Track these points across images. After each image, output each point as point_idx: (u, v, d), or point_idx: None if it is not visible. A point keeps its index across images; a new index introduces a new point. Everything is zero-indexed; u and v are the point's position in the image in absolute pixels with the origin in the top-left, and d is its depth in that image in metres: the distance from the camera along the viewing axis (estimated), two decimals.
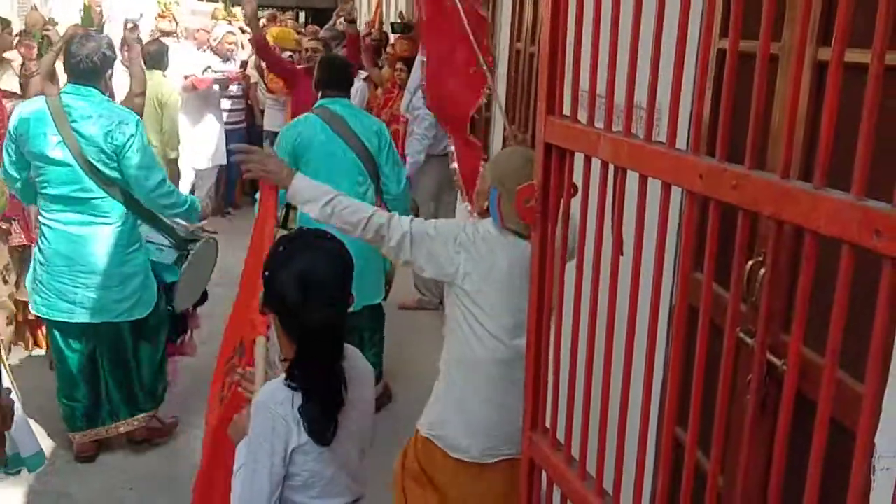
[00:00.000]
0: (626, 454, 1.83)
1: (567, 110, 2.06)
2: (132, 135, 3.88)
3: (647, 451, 1.80)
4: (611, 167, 1.82)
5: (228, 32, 9.19)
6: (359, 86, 7.70)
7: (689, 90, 2.38)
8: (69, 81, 3.97)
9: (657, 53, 1.66)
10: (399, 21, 9.33)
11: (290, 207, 4.62)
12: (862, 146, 1.15)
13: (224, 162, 8.50)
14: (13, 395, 3.26)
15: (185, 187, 7.78)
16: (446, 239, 2.65)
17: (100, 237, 3.93)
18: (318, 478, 2.13)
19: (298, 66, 7.49)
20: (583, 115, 1.96)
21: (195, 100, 8.34)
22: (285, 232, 4.54)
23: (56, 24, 7.08)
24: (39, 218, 4.02)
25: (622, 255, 1.82)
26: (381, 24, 11.55)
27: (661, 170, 1.64)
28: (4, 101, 4.85)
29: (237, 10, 11.85)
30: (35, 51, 5.37)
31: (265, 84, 8.93)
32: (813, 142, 1.93)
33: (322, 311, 2.04)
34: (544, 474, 2.16)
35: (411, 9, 11.11)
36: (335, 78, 4.68)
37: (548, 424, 2.14)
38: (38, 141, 3.84)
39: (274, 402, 2.07)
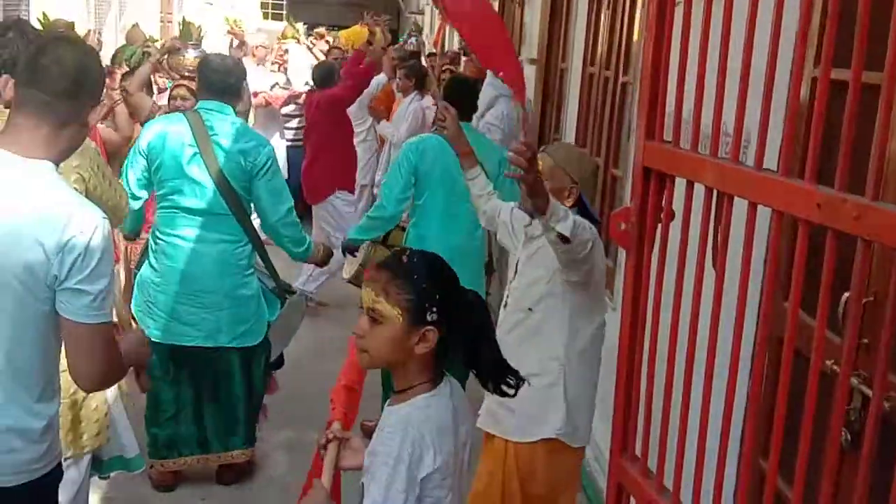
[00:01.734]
0: (724, 488, 1.80)
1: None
2: (269, 158, 3.85)
3: (745, 482, 1.77)
4: (715, 193, 1.81)
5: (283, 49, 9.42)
6: (413, 108, 7.72)
7: (782, 116, 2.36)
8: (206, 98, 3.92)
9: (770, 80, 1.65)
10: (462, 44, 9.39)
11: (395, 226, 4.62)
12: None
13: (286, 177, 8.62)
14: (120, 402, 3.33)
15: None
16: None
17: (221, 256, 3.84)
18: None
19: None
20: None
21: (263, 116, 8.48)
22: (384, 248, 4.54)
23: (155, 41, 7.24)
24: (159, 236, 3.90)
25: (723, 277, 1.80)
26: (444, 43, 11.63)
27: (772, 197, 1.62)
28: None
29: (300, 26, 12.10)
30: (118, 79, 5.45)
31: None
32: None
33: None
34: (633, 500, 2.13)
35: None
36: (463, 101, 4.50)
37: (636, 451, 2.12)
38: (175, 153, 3.77)
39: (422, 424, 1.91)
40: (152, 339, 3.87)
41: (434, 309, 1.90)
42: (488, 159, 4.31)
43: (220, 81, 3.87)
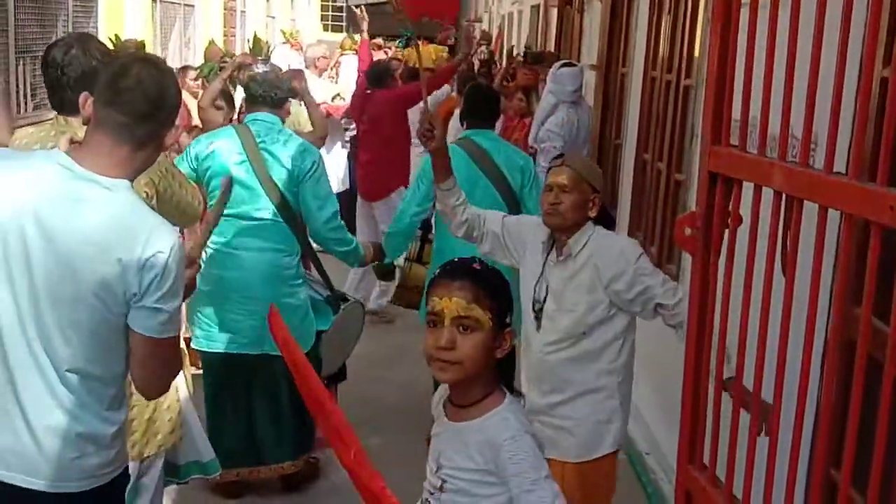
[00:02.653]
0: (795, 497, 1.77)
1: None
2: (315, 163, 3.92)
3: (817, 492, 1.74)
4: (784, 197, 1.79)
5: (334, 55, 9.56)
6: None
7: (849, 117, 2.31)
8: (252, 111, 4.04)
9: (840, 82, 1.62)
10: (528, 50, 9.40)
11: (424, 241, 4.62)
12: None
13: (348, 186, 8.70)
14: (189, 403, 3.36)
15: None
16: None
17: (269, 264, 3.86)
18: None
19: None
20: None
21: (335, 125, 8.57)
22: (420, 266, 4.53)
23: (232, 55, 7.41)
24: (208, 244, 3.85)
25: (793, 283, 1.78)
26: (502, 52, 11.66)
27: (842, 201, 1.59)
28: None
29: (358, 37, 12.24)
30: (187, 80, 5.59)
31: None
32: None
33: None
34: None
35: (535, 36, 11.18)
36: (482, 109, 4.53)
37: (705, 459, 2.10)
38: (225, 163, 3.83)
39: (522, 424, 1.92)
40: (200, 349, 4.00)
41: (511, 311, 1.94)
42: (511, 166, 4.34)
43: (266, 94, 3.97)
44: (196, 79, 7.51)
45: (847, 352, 1.85)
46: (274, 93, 3.99)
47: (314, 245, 4.18)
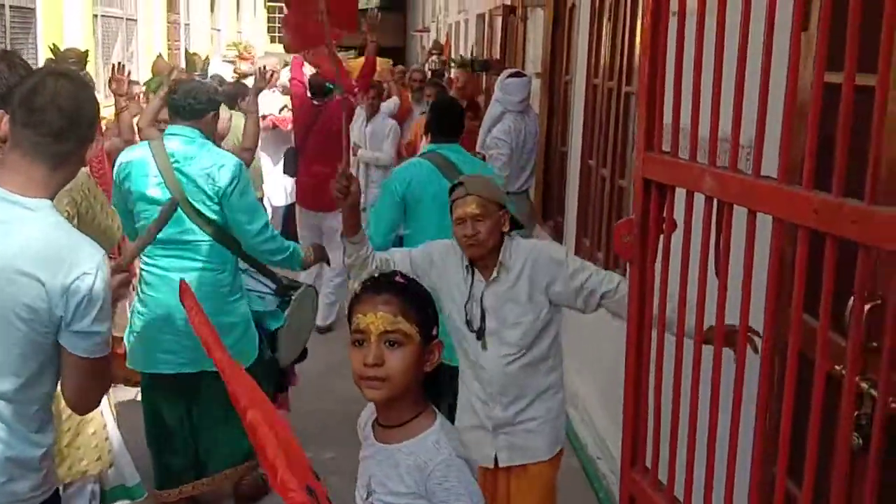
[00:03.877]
0: (735, 498, 1.79)
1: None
2: (234, 177, 3.82)
3: (756, 490, 1.76)
4: (715, 202, 1.81)
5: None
6: (388, 124, 7.78)
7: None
8: (171, 123, 3.95)
9: (765, 87, 1.65)
10: (474, 59, 9.43)
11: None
12: None
13: (296, 199, 8.65)
14: (115, 429, 3.33)
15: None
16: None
17: (202, 284, 3.81)
18: None
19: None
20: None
21: (273, 138, 8.51)
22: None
23: (182, 70, 7.28)
24: (141, 266, 3.90)
25: (725, 287, 1.80)
26: (451, 61, 11.69)
27: (772, 205, 1.62)
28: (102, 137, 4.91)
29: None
30: (125, 85, 5.48)
31: None
32: None
33: None
34: None
35: (482, 45, 11.24)
36: (448, 122, 4.48)
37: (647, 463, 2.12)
38: (140, 182, 3.78)
39: (454, 448, 1.84)
40: (138, 370, 3.94)
41: (436, 323, 1.88)
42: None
43: (181, 107, 3.88)
44: (145, 94, 7.40)
45: (781, 351, 1.88)
46: (192, 103, 3.85)
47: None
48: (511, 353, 2.86)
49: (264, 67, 6.04)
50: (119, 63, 5.54)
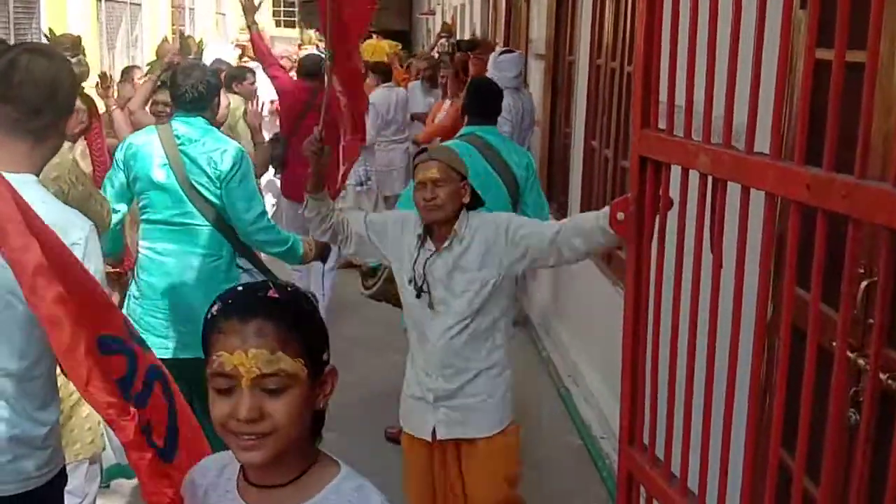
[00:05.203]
0: (729, 472, 1.80)
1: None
2: (236, 163, 3.84)
3: (752, 468, 1.77)
4: (709, 179, 1.81)
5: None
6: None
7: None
8: (176, 111, 3.92)
9: (757, 65, 1.65)
10: (460, 40, 9.48)
11: None
12: None
13: None
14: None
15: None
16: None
17: (197, 269, 3.83)
18: None
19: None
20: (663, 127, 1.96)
21: (271, 126, 8.51)
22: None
23: (177, 53, 7.22)
24: (139, 249, 3.93)
25: (722, 267, 1.81)
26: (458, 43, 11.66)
27: (764, 181, 1.62)
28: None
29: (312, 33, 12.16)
30: (112, 90, 5.46)
31: None
32: None
33: None
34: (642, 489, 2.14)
35: (487, 27, 11.20)
36: (487, 104, 4.43)
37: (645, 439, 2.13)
38: (145, 163, 3.79)
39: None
40: None
41: (327, 343, 1.42)
42: (517, 163, 4.30)
43: (184, 94, 3.87)
44: (149, 76, 7.40)
45: (774, 326, 1.89)
46: (197, 96, 3.85)
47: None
48: (456, 323, 2.88)
49: (258, 100, 6.05)
50: (107, 73, 5.50)
